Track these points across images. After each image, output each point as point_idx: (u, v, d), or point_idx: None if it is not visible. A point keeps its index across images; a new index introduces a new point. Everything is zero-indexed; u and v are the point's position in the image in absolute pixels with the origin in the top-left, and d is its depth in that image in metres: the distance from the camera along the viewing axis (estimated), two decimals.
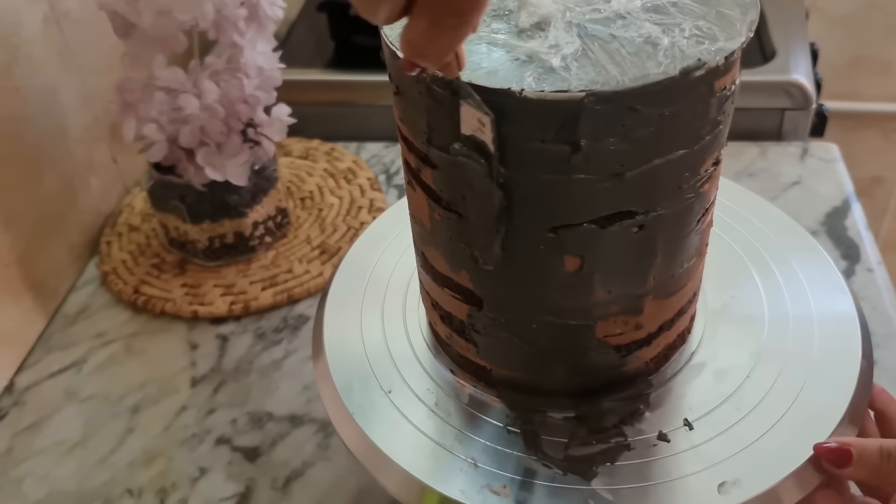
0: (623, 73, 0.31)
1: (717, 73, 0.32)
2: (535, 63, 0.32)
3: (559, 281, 0.36)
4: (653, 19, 0.34)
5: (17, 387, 0.61)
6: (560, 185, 0.33)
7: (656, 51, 0.32)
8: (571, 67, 0.31)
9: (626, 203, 0.34)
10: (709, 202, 0.38)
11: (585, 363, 0.39)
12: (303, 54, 0.90)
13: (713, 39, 0.32)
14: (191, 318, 0.65)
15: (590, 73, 0.31)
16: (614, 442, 0.39)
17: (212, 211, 0.66)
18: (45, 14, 0.65)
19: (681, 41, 0.32)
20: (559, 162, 0.32)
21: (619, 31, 0.33)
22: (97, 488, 0.53)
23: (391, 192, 0.77)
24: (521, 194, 0.33)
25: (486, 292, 0.38)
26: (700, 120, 0.33)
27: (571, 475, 0.37)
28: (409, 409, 0.41)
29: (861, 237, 0.68)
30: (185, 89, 0.60)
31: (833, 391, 0.40)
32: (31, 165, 0.64)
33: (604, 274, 0.36)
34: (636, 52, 0.32)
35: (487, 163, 0.32)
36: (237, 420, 0.57)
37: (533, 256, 0.35)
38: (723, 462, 0.37)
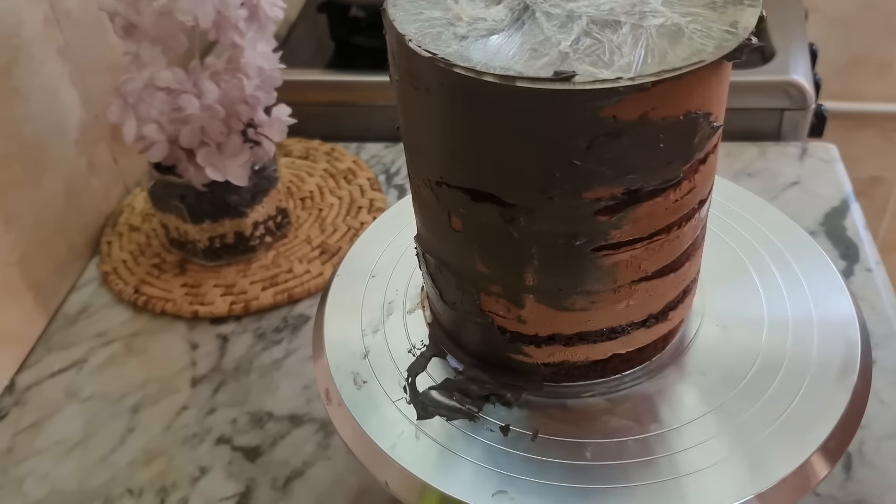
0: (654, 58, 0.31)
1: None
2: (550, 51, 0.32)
3: (448, 235, 0.38)
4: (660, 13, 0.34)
5: (18, 386, 0.61)
6: (437, 143, 0.35)
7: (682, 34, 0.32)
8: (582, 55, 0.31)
9: (490, 186, 0.35)
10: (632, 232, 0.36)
11: (482, 334, 0.41)
12: (303, 55, 0.90)
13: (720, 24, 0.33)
14: (191, 318, 0.65)
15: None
16: (466, 408, 0.41)
17: (212, 211, 0.66)
18: (46, 14, 0.65)
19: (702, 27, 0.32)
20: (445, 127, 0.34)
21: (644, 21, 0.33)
22: (98, 488, 0.53)
23: (391, 192, 0.77)
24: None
25: (423, 230, 0.41)
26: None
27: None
28: (410, 408, 0.41)
29: (860, 237, 0.68)
30: (186, 89, 0.60)
31: (832, 391, 0.40)
32: (31, 165, 0.64)
33: (480, 245, 0.37)
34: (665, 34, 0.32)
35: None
36: (237, 420, 0.57)
37: (428, 200, 0.38)
38: (758, 440, 0.38)
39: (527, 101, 0.31)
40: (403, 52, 0.34)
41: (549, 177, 0.33)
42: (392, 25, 0.34)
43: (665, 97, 0.31)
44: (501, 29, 0.34)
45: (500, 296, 0.38)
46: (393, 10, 0.35)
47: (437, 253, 0.40)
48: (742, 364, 0.42)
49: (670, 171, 0.34)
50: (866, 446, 0.51)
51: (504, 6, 0.35)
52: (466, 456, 0.39)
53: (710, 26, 0.33)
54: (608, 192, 0.33)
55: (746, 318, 0.44)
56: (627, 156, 0.32)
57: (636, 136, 0.32)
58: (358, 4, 0.92)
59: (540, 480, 0.37)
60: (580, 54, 0.32)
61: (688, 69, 0.30)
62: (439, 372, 0.43)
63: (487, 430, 0.40)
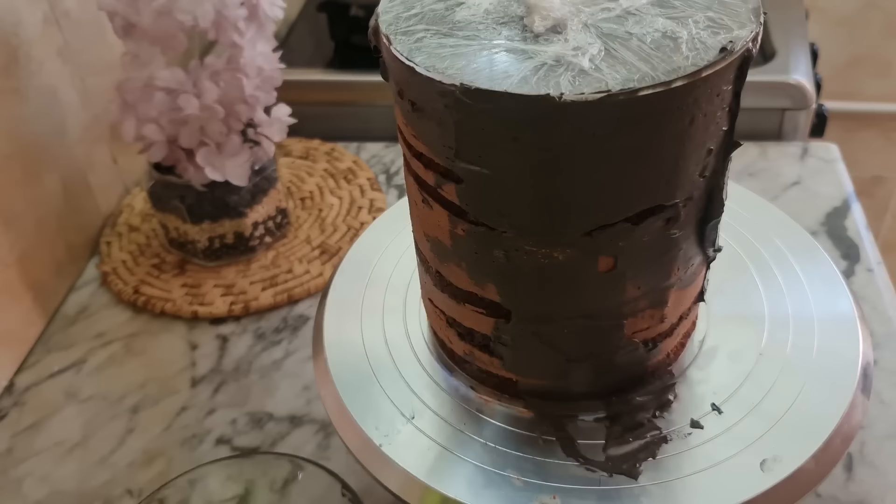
0: (654, 68, 0.30)
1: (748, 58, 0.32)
2: (564, 66, 0.31)
3: (592, 282, 0.36)
4: (663, 13, 0.34)
5: (17, 387, 0.61)
6: (597, 185, 0.33)
7: (678, 44, 0.32)
8: (602, 68, 0.31)
9: (657, 198, 0.34)
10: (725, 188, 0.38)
11: (614, 362, 0.39)
12: (303, 54, 0.90)
13: (728, 29, 0.32)
14: (191, 319, 0.65)
15: (621, 71, 0.30)
16: (650, 436, 0.39)
17: (212, 211, 0.66)
18: (45, 14, 0.65)
19: (699, 33, 0.32)
20: (603, 162, 0.32)
21: (635, 28, 0.33)
22: (97, 488, 0.53)
23: (391, 192, 0.77)
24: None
25: (516, 302, 0.37)
26: (721, 109, 0.33)
27: (617, 476, 0.37)
28: (410, 409, 0.41)
29: (861, 237, 0.68)
30: (185, 89, 0.60)
31: (833, 392, 0.40)
32: (30, 166, 0.64)
33: (635, 271, 0.36)
34: (658, 47, 0.32)
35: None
36: (237, 420, 0.57)
37: (566, 260, 0.35)
38: (758, 441, 0.38)
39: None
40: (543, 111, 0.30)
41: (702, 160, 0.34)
42: (514, 96, 0.30)
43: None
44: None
45: (646, 309, 0.38)
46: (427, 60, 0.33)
47: (566, 315, 0.37)
48: (742, 364, 0.42)
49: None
50: (867, 447, 0.51)
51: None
52: (466, 457, 0.39)
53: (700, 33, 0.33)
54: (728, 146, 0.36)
55: (747, 318, 0.44)
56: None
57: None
58: (358, 4, 0.92)
59: (542, 481, 0.37)
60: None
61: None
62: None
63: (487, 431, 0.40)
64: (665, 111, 0.31)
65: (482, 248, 0.36)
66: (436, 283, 0.40)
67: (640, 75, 0.30)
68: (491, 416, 0.41)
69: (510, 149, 0.32)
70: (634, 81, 0.30)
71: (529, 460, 0.38)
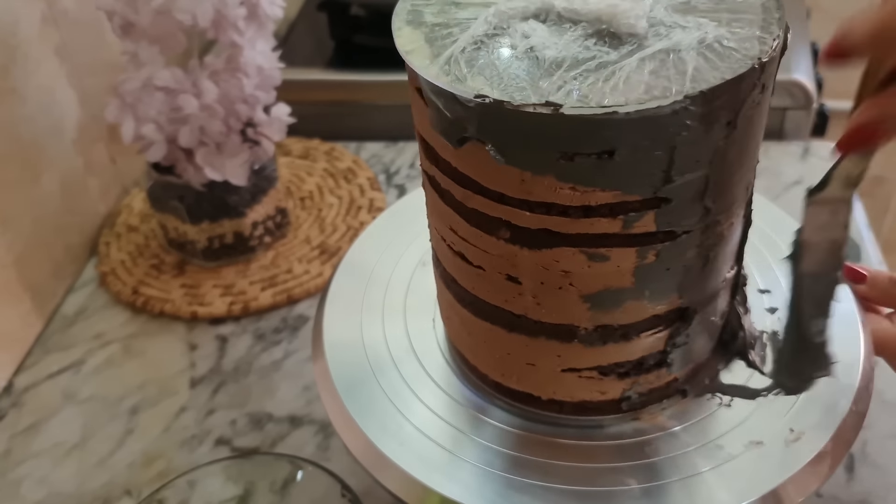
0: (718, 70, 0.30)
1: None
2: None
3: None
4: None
5: (16, 388, 0.60)
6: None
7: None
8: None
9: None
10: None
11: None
12: (302, 54, 0.90)
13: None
14: (190, 319, 0.65)
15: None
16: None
17: (211, 211, 0.65)
18: (43, 14, 0.65)
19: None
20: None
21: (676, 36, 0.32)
22: (96, 490, 0.53)
23: (391, 191, 0.77)
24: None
25: (694, 295, 0.37)
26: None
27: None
28: (410, 409, 0.41)
29: (862, 237, 0.68)
30: (184, 89, 0.59)
31: (835, 391, 0.40)
32: (28, 166, 0.64)
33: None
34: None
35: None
36: (237, 421, 0.57)
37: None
38: (722, 464, 0.37)
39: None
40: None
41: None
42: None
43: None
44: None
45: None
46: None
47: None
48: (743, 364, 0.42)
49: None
50: (869, 446, 0.51)
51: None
52: (467, 458, 0.38)
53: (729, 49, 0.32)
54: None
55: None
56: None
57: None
58: (358, 3, 0.92)
59: (542, 482, 0.37)
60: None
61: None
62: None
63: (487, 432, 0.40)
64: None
65: (673, 258, 0.34)
66: (598, 339, 0.37)
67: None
68: (491, 417, 0.41)
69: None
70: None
71: (529, 461, 0.38)
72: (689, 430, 0.39)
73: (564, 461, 0.38)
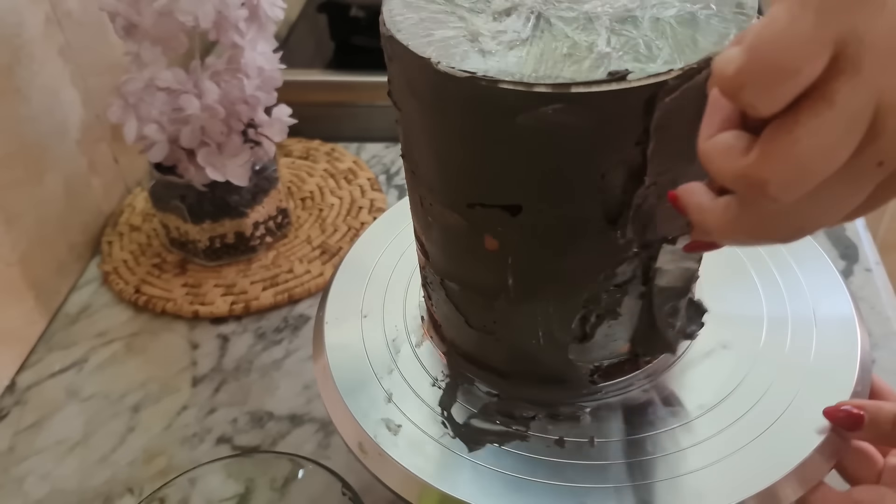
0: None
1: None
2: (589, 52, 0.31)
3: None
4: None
5: (19, 386, 0.61)
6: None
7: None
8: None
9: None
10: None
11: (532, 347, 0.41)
12: (303, 55, 0.90)
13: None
14: (191, 318, 0.65)
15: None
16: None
17: (212, 211, 0.66)
18: (47, 14, 0.65)
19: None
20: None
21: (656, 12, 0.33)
22: (98, 487, 0.53)
23: (391, 192, 0.77)
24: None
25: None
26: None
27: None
28: (410, 408, 0.41)
29: (859, 237, 0.68)
30: (186, 90, 0.60)
31: (831, 392, 0.40)
32: (32, 165, 0.64)
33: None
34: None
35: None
36: (238, 419, 0.57)
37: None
38: (755, 440, 0.38)
39: (583, 106, 0.30)
40: (427, 77, 0.32)
41: (599, 179, 0.33)
42: (409, 50, 0.32)
43: (700, 88, 0.30)
44: (525, 39, 0.32)
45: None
46: (401, 36, 0.33)
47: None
48: (741, 364, 0.42)
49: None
50: None
51: (516, 17, 0.34)
52: (466, 455, 0.39)
53: (721, 10, 0.33)
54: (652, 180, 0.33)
55: (746, 318, 0.44)
56: (672, 146, 0.32)
57: (681, 126, 0.31)
58: (358, 5, 0.92)
59: (541, 479, 0.37)
60: (619, 52, 0.31)
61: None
62: (470, 400, 0.42)
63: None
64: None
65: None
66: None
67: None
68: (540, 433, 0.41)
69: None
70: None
71: (529, 459, 0.38)
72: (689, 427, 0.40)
73: (565, 459, 0.39)
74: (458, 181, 0.35)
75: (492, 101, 0.31)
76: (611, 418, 0.40)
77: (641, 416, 0.40)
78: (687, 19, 0.33)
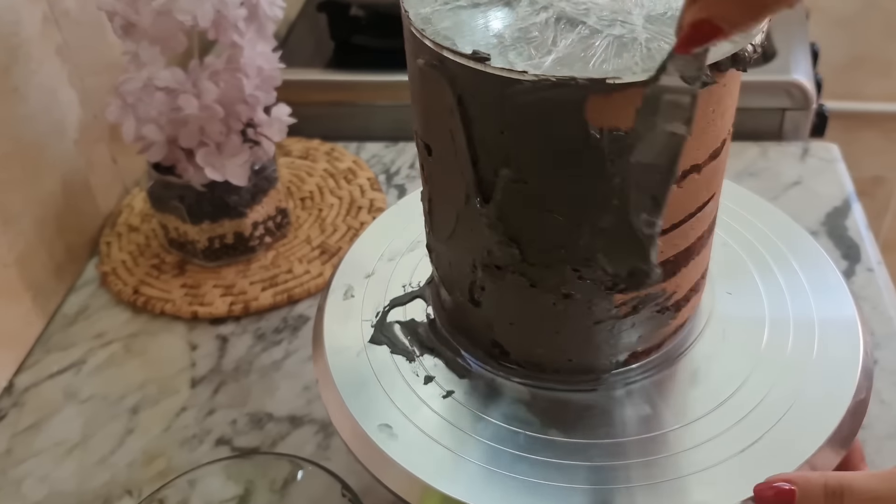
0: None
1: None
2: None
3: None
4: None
5: (17, 387, 0.60)
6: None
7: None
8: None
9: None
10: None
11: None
12: (302, 54, 0.90)
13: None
14: (190, 319, 0.65)
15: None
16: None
17: (211, 211, 0.66)
18: (45, 14, 0.65)
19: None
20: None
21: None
22: (97, 489, 0.53)
23: (391, 192, 0.77)
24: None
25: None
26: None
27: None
28: (410, 408, 0.41)
29: (861, 237, 0.68)
30: (185, 89, 0.60)
31: (832, 392, 0.40)
32: (30, 165, 0.64)
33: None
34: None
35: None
36: (237, 420, 0.57)
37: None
38: (758, 441, 0.38)
39: (451, 72, 0.34)
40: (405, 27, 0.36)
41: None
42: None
43: (565, 103, 0.32)
44: (483, 3, 0.36)
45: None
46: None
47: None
48: (743, 364, 0.42)
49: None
50: (868, 447, 0.51)
51: None
52: (467, 456, 0.39)
53: (664, 49, 0.32)
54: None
55: (748, 318, 0.44)
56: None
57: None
58: (358, 4, 0.92)
59: (542, 480, 0.37)
60: (519, 43, 0.33)
61: (591, 83, 0.31)
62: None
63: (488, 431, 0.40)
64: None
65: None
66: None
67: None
68: (491, 416, 0.41)
69: None
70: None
71: (530, 460, 0.38)
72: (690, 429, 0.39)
73: (565, 459, 0.38)
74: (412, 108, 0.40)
75: (410, 41, 0.36)
76: (611, 418, 0.40)
77: (642, 416, 0.40)
78: (623, 43, 0.33)
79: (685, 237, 0.38)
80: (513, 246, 0.37)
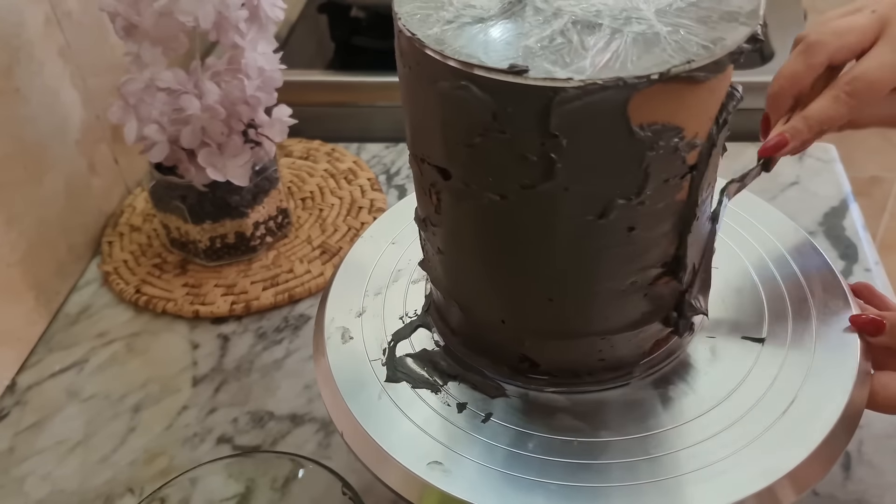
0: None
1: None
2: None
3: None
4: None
5: (19, 386, 0.61)
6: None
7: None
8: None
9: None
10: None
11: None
12: (303, 55, 0.90)
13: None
14: (192, 318, 0.65)
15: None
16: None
17: (213, 211, 0.66)
18: (47, 15, 0.65)
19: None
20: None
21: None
22: (99, 487, 0.53)
23: (391, 192, 0.77)
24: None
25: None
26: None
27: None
28: (410, 407, 0.41)
29: (859, 237, 0.68)
30: (187, 90, 0.60)
31: (831, 392, 0.40)
32: (32, 166, 0.64)
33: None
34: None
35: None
36: (238, 419, 0.57)
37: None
38: (756, 440, 0.38)
39: (481, 88, 0.32)
40: (399, 37, 0.35)
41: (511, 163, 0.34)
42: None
43: (611, 105, 0.31)
44: (488, 18, 0.35)
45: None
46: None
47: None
48: (741, 363, 0.42)
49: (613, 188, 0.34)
50: (865, 446, 0.51)
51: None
52: (467, 455, 0.39)
53: (689, 39, 0.33)
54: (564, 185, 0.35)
55: (746, 319, 0.45)
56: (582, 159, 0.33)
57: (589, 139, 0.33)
58: (358, 5, 0.93)
59: (542, 480, 0.37)
60: (546, 52, 0.32)
61: (638, 81, 0.31)
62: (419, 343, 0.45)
63: (489, 430, 0.40)
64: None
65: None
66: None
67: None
68: (538, 430, 0.40)
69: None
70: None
71: (529, 458, 0.39)
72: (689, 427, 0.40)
73: (564, 458, 0.39)
74: (409, 134, 0.40)
75: (422, 65, 0.34)
76: (611, 418, 0.40)
77: (641, 415, 0.40)
78: (648, 39, 0.33)
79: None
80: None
